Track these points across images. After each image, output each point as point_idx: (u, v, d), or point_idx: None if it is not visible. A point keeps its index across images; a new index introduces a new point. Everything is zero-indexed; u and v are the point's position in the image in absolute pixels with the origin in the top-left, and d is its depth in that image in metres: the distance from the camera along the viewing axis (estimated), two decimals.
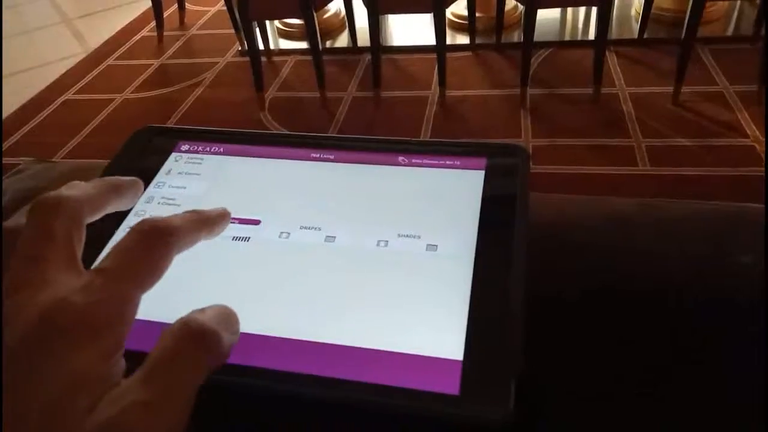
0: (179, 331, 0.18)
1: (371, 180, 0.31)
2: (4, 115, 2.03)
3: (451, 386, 0.21)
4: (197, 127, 0.35)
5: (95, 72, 2.29)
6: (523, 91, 1.77)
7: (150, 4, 2.38)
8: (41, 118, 2.01)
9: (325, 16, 2.34)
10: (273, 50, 2.27)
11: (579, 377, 0.24)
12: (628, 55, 1.93)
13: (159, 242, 0.20)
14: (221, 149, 0.33)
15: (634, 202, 0.30)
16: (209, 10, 2.66)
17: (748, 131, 1.52)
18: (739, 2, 2.04)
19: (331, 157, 0.32)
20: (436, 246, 0.27)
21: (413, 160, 0.31)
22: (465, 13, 2.09)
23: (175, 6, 2.57)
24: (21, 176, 0.35)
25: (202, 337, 0.18)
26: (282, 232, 0.28)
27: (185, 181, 0.32)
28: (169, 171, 0.33)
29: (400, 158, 0.31)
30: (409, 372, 0.22)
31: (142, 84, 2.16)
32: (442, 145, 0.32)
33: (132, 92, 2.11)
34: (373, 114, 1.81)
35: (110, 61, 2.37)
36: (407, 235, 0.27)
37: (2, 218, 0.34)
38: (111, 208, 0.24)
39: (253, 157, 0.33)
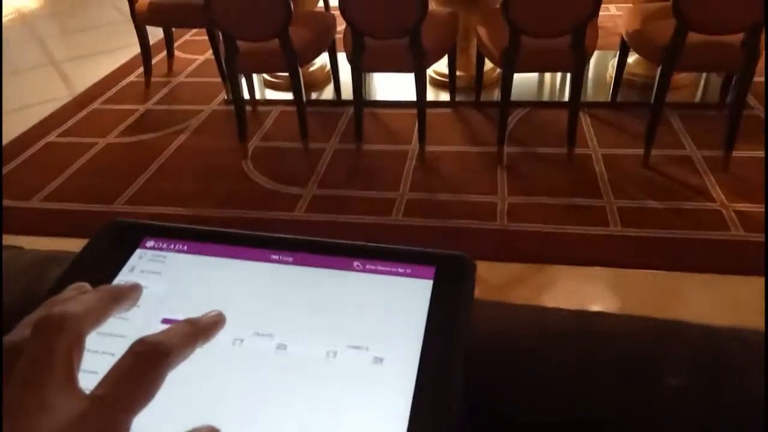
0: None
1: (326, 286, 0.32)
2: None
3: None
4: (162, 223, 0.36)
5: (80, 115, 2.31)
6: (500, 148, 1.82)
7: (139, 50, 2.42)
8: (23, 159, 2.01)
9: (311, 69, 2.40)
10: (258, 100, 2.31)
11: None
12: (601, 117, 2.01)
13: (154, 365, 0.21)
14: (184, 247, 0.35)
15: (572, 315, 0.31)
16: (198, 59, 2.71)
17: (715, 196, 1.58)
18: (705, 73, 2.15)
19: (290, 259, 0.34)
20: (382, 359, 0.28)
21: (367, 266, 0.33)
22: (446, 71, 2.17)
23: (164, 53, 2.62)
24: None
25: None
26: (236, 339, 0.29)
27: (146, 281, 0.33)
28: (132, 268, 0.34)
29: (356, 263, 0.33)
30: None
31: (126, 129, 2.17)
32: (394, 253, 0.33)
33: (116, 137, 2.13)
34: (354, 167, 1.85)
35: (96, 105, 2.39)
36: (356, 347, 0.29)
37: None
38: (112, 316, 0.24)
39: (215, 256, 0.34)
